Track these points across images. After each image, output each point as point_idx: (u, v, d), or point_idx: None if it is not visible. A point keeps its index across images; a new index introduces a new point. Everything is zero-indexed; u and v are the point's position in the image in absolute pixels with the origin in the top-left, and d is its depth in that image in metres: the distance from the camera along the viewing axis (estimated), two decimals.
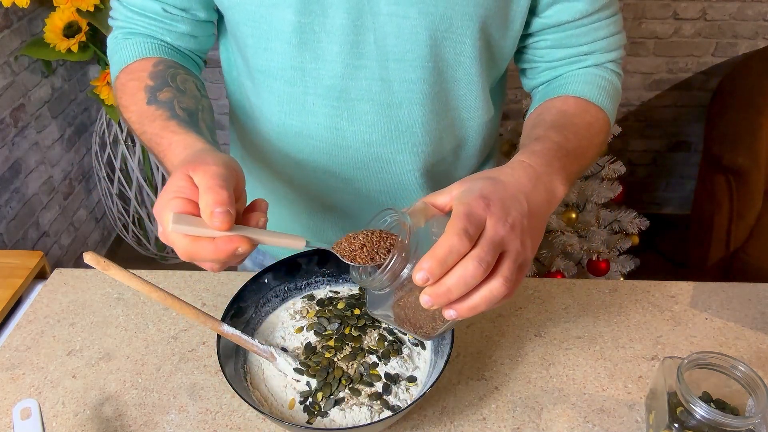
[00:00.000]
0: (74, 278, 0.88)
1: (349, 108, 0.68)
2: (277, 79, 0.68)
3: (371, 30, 0.63)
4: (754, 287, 0.85)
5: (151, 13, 0.71)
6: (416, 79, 0.67)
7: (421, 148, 0.72)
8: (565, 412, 0.68)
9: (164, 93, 0.65)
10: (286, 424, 0.59)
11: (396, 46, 0.64)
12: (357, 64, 0.65)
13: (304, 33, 0.64)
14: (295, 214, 0.82)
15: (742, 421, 0.56)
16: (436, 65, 0.67)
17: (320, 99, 0.68)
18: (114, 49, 0.73)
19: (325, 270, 0.75)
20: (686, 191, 2.58)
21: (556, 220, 1.94)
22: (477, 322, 0.80)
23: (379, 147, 0.71)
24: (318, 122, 0.70)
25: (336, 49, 0.65)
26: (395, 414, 0.57)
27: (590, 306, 0.83)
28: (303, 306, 0.72)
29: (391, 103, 0.68)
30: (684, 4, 2.17)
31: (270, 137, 0.74)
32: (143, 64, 0.69)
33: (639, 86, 2.36)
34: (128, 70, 0.70)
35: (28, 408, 0.58)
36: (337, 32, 0.64)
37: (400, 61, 0.65)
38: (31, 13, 1.91)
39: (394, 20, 0.63)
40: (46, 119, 2.02)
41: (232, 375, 0.61)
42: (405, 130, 0.70)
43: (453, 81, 0.69)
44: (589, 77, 0.71)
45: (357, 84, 0.67)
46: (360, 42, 0.64)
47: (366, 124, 0.69)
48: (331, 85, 0.67)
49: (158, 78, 0.67)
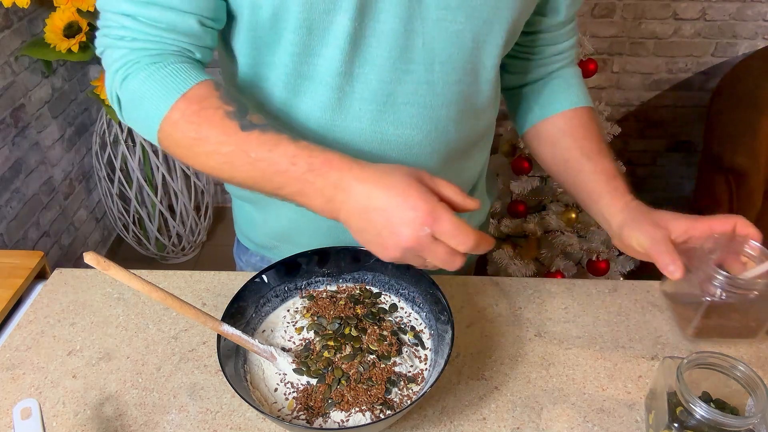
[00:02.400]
0: (74, 278, 0.88)
1: (395, 111, 0.69)
2: (323, 85, 0.67)
3: (420, 34, 0.65)
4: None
5: (185, 29, 0.62)
6: (457, 81, 0.69)
7: (452, 146, 0.75)
8: (565, 412, 0.68)
9: (254, 116, 0.60)
10: (286, 424, 0.59)
11: (443, 50, 0.66)
12: (405, 68, 0.66)
13: (357, 38, 0.64)
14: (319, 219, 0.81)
15: (742, 420, 0.56)
16: (474, 67, 0.70)
17: (366, 104, 0.68)
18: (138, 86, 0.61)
19: (326, 270, 0.75)
20: (686, 191, 2.58)
21: (556, 220, 1.94)
22: (477, 322, 0.80)
23: (418, 148, 0.72)
24: (362, 127, 0.69)
25: (385, 54, 0.65)
26: (395, 414, 0.57)
27: (590, 306, 0.83)
28: (303, 306, 0.73)
29: (433, 105, 0.70)
30: (684, 4, 2.17)
31: None
32: (205, 90, 0.61)
33: (639, 86, 2.37)
34: (190, 98, 0.61)
35: (29, 408, 0.58)
36: (387, 37, 0.64)
37: (445, 64, 0.67)
38: (31, 13, 1.92)
39: (442, 24, 0.65)
40: (46, 119, 2.02)
41: (232, 375, 0.61)
42: (442, 129, 0.72)
43: (485, 82, 0.73)
44: (570, 81, 0.82)
45: (404, 88, 0.68)
46: (409, 46, 0.65)
47: (409, 126, 0.70)
48: (378, 89, 0.67)
49: (232, 101, 0.61)
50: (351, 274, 0.75)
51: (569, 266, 2.00)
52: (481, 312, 0.82)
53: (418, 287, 0.71)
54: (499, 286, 0.86)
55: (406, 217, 0.54)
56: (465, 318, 0.80)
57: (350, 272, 0.75)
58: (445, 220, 0.53)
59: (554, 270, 2.00)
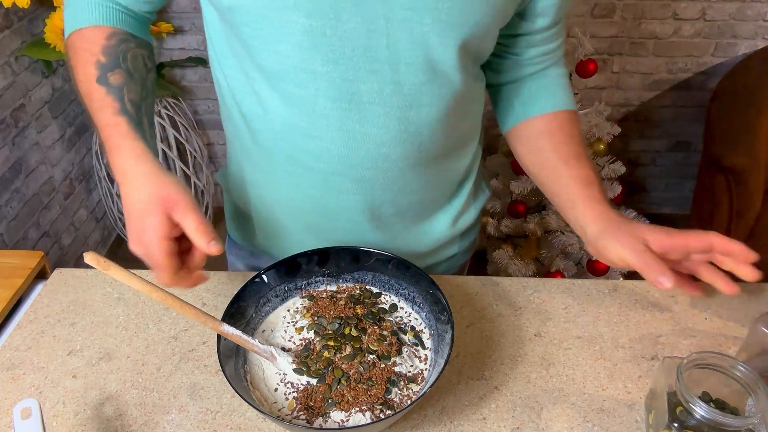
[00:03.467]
0: (74, 278, 0.88)
1: (361, 110, 0.69)
2: (286, 81, 0.68)
3: (384, 34, 0.64)
4: (753, 287, 0.85)
5: None
6: (426, 82, 0.68)
7: (427, 146, 0.74)
8: (564, 412, 0.68)
9: (115, 76, 0.69)
10: (286, 424, 0.59)
11: (408, 51, 0.65)
12: (369, 67, 0.66)
13: (316, 36, 0.64)
14: (301, 215, 0.82)
15: (742, 420, 0.56)
16: (444, 69, 0.68)
17: (331, 102, 0.68)
18: (68, 1, 0.75)
19: (326, 270, 0.75)
20: (686, 191, 2.58)
21: (556, 220, 1.94)
22: (477, 321, 0.80)
23: (389, 148, 0.72)
24: (328, 124, 0.70)
25: (348, 53, 0.65)
26: (395, 414, 0.57)
27: (590, 306, 0.83)
28: (303, 305, 0.73)
29: (401, 105, 0.69)
30: (684, 5, 2.17)
31: (274, 137, 0.74)
32: (97, 33, 0.72)
33: (639, 86, 2.37)
34: (81, 35, 0.73)
35: (29, 408, 0.58)
36: (349, 36, 0.64)
37: (411, 65, 0.66)
38: (31, 13, 1.92)
39: (408, 25, 0.63)
40: (46, 119, 2.02)
41: (232, 375, 0.61)
42: (414, 131, 0.71)
43: (458, 84, 0.71)
44: (556, 82, 0.82)
45: (369, 87, 0.67)
46: (373, 46, 0.65)
47: (377, 126, 0.70)
48: (343, 87, 0.67)
49: (110, 55, 0.70)
50: (351, 274, 0.75)
51: (569, 266, 2.00)
52: (481, 312, 0.82)
53: (418, 287, 0.71)
54: (499, 286, 0.86)
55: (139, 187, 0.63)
56: (465, 318, 0.80)
57: (350, 272, 0.75)
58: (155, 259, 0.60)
59: (554, 270, 2.00)
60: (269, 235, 0.87)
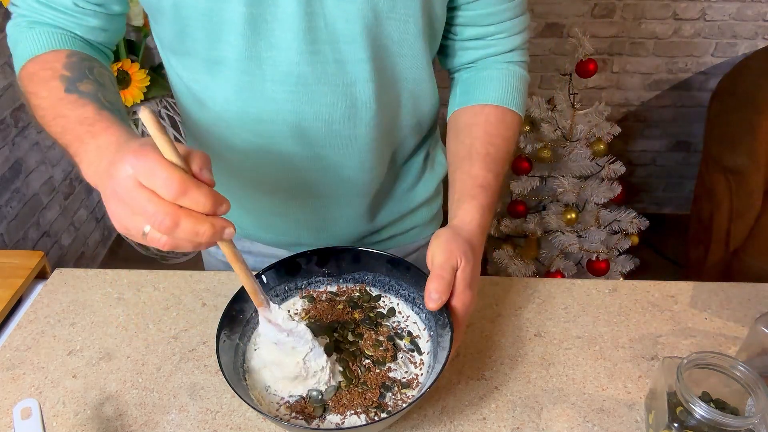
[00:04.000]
0: (74, 278, 0.88)
1: (308, 91, 0.71)
2: (233, 69, 0.70)
3: (321, 15, 0.66)
4: (753, 287, 0.85)
5: (59, 6, 0.70)
6: (366, 59, 0.70)
7: (377, 121, 0.75)
8: (564, 412, 0.68)
9: (85, 85, 0.64)
10: (285, 424, 0.59)
11: (346, 29, 0.67)
12: (311, 49, 0.68)
13: (257, 23, 0.66)
14: (259, 197, 0.84)
15: (742, 420, 0.56)
16: (383, 43, 0.70)
17: (279, 85, 0.70)
18: (17, 39, 0.72)
19: (326, 270, 0.75)
20: (686, 191, 2.58)
21: (556, 220, 1.94)
22: (477, 321, 0.80)
23: (339, 125, 0.74)
24: (279, 108, 0.72)
25: (290, 36, 0.67)
26: (393, 414, 0.57)
27: (590, 306, 0.83)
28: (302, 307, 0.73)
29: (346, 83, 0.71)
30: (684, 5, 2.17)
31: (229, 125, 0.76)
32: (56, 55, 0.68)
33: (639, 86, 2.37)
34: (38, 60, 0.69)
35: (29, 408, 0.58)
36: (289, 20, 0.66)
37: (351, 43, 0.68)
38: None
39: (341, 4, 0.66)
40: None
41: (230, 374, 0.61)
42: (361, 106, 0.73)
43: (399, 56, 0.73)
44: (504, 80, 0.79)
45: (313, 68, 0.69)
46: (312, 28, 0.67)
47: (325, 105, 0.72)
48: (289, 71, 0.69)
49: (75, 70, 0.66)
50: (351, 275, 0.75)
51: (569, 266, 2.00)
52: (481, 312, 0.82)
53: (418, 288, 0.71)
54: (499, 286, 0.86)
55: (117, 159, 0.48)
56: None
57: (350, 272, 0.75)
58: (150, 159, 0.45)
59: (554, 270, 2.00)
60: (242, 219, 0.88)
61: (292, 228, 0.87)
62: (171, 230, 0.45)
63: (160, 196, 0.45)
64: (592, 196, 1.91)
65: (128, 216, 0.47)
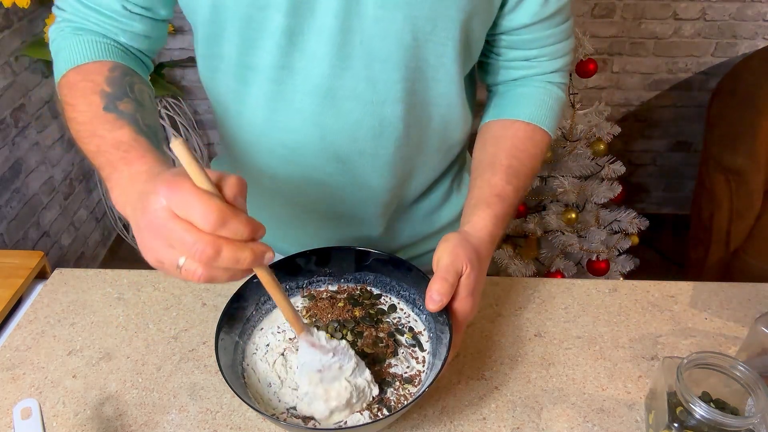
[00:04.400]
0: (74, 278, 0.88)
1: (335, 105, 0.70)
2: (264, 77, 0.70)
3: (358, 32, 0.65)
4: (753, 287, 0.85)
5: (107, 11, 0.69)
6: (399, 79, 0.69)
7: (403, 142, 0.75)
8: (564, 412, 0.68)
9: (125, 104, 0.63)
10: (283, 424, 0.59)
11: (381, 48, 0.67)
12: (343, 64, 0.67)
13: (293, 34, 0.66)
14: (278, 206, 0.84)
15: (742, 420, 0.56)
16: (418, 66, 0.69)
17: (307, 96, 0.70)
18: (61, 45, 0.70)
19: (327, 269, 0.75)
20: (686, 191, 2.58)
21: (556, 220, 1.94)
22: (477, 321, 0.80)
23: (364, 142, 0.73)
24: (304, 118, 0.71)
25: (324, 49, 0.66)
26: (393, 414, 0.57)
27: (590, 306, 0.83)
28: (303, 306, 0.73)
29: (375, 101, 0.70)
30: (684, 5, 2.17)
31: (255, 132, 0.76)
32: (98, 66, 0.67)
33: (639, 86, 2.37)
34: (81, 70, 0.68)
35: (29, 408, 0.58)
36: (325, 33, 0.65)
37: (385, 62, 0.68)
38: (31, 13, 1.92)
39: (380, 23, 0.65)
40: (46, 119, 2.02)
41: (229, 374, 0.61)
42: (388, 125, 0.73)
43: (433, 80, 0.72)
44: (540, 98, 0.79)
45: (343, 83, 0.69)
46: (347, 43, 0.66)
47: (351, 121, 0.71)
48: (319, 83, 0.69)
49: (115, 86, 0.65)
50: (353, 275, 0.75)
51: (569, 266, 2.00)
52: (481, 312, 0.82)
53: (418, 289, 0.71)
54: (499, 286, 0.86)
55: (149, 190, 0.48)
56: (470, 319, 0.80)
57: (352, 272, 0.75)
58: (184, 190, 0.44)
59: (554, 270, 2.00)
60: None
61: (307, 241, 0.84)
62: (212, 260, 0.44)
63: (197, 227, 0.44)
64: (592, 196, 1.91)
65: (162, 248, 0.46)
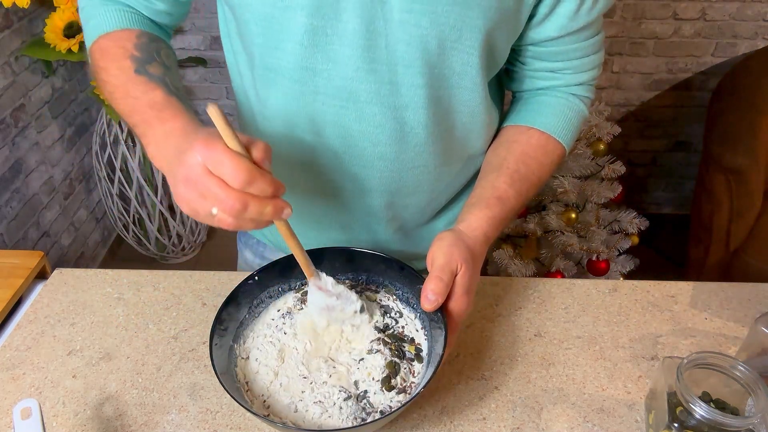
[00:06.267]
0: (74, 278, 0.88)
1: (358, 109, 0.70)
2: (287, 78, 0.69)
3: (383, 35, 0.65)
4: (753, 287, 0.85)
5: None
6: (423, 84, 0.68)
7: (424, 148, 0.74)
8: (564, 412, 0.68)
9: (154, 67, 0.67)
10: (280, 426, 0.59)
11: (406, 53, 0.66)
12: (367, 67, 0.67)
13: (317, 35, 0.65)
14: (297, 207, 0.82)
15: (742, 421, 0.56)
16: (442, 72, 0.68)
17: (329, 99, 0.69)
18: (91, 13, 0.73)
19: (320, 270, 0.75)
20: (686, 191, 2.58)
21: (556, 220, 1.94)
22: (477, 321, 0.80)
23: (384, 147, 0.73)
24: (326, 121, 0.71)
25: (348, 52, 0.66)
26: (391, 414, 0.57)
27: (590, 306, 0.83)
28: (295, 306, 0.72)
29: (398, 106, 0.70)
30: (684, 4, 2.17)
31: (276, 134, 0.75)
32: (127, 33, 0.71)
33: (639, 86, 2.37)
34: (110, 36, 0.71)
35: (29, 408, 0.58)
36: (349, 36, 0.65)
37: (409, 67, 0.67)
38: (31, 13, 1.91)
39: (406, 28, 0.64)
40: (46, 119, 2.02)
41: (225, 376, 0.61)
42: (409, 131, 0.72)
43: (458, 88, 0.71)
44: (559, 108, 0.78)
45: (366, 86, 0.68)
46: (372, 46, 0.65)
47: (373, 124, 0.71)
48: (341, 86, 0.68)
49: (144, 51, 0.69)
50: (346, 275, 0.75)
51: (569, 266, 1.99)
52: (481, 312, 0.82)
53: (412, 288, 0.71)
54: (499, 286, 0.86)
55: (185, 147, 0.54)
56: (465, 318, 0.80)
57: (345, 272, 0.75)
58: (218, 150, 0.51)
59: (554, 270, 2.00)
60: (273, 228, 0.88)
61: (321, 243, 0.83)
62: (240, 213, 0.52)
63: (227, 183, 0.51)
64: (592, 196, 1.91)
65: (197, 199, 0.53)
